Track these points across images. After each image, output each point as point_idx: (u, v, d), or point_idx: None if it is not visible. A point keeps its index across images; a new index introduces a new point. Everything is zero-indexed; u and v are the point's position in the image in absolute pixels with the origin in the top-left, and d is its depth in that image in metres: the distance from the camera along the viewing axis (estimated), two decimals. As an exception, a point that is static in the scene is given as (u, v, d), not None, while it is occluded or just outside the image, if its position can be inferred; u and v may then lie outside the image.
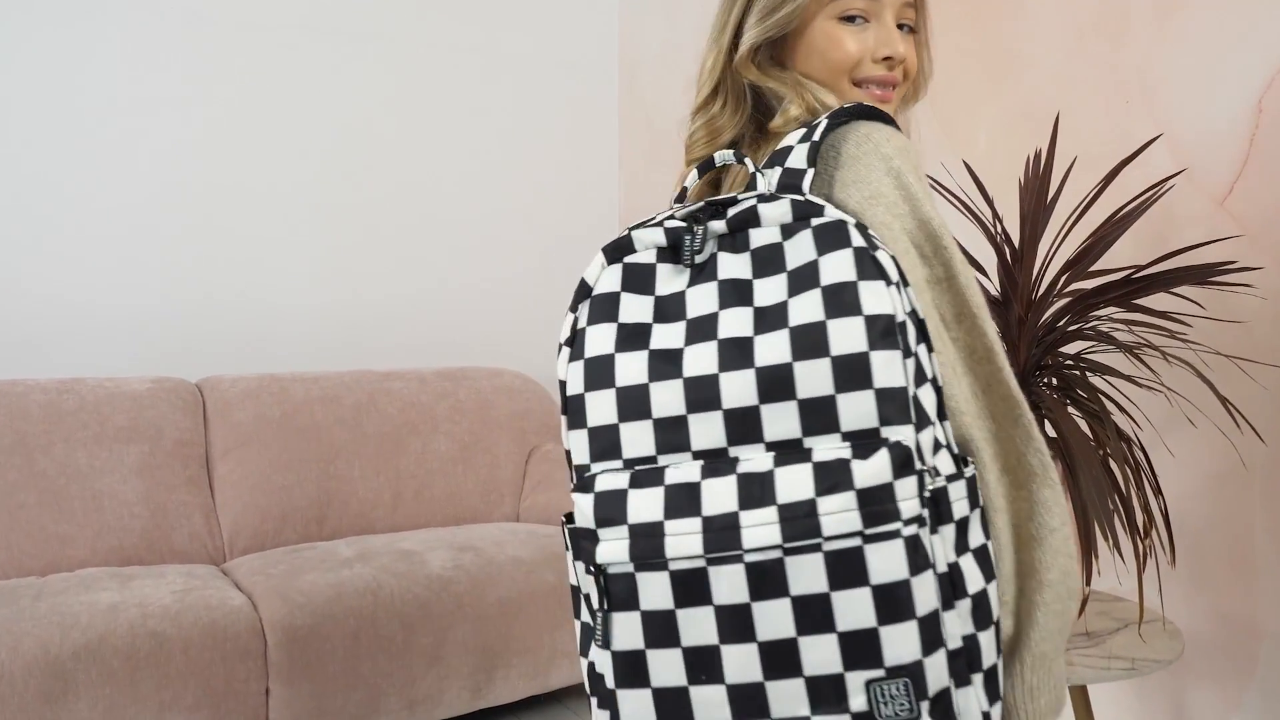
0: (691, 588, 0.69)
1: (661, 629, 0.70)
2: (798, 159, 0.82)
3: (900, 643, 0.68)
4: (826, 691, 0.68)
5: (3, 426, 2.40)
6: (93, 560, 2.37)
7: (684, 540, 0.69)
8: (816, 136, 0.84)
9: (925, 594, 0.69)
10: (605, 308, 0.75)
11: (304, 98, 3.10)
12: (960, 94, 2.51)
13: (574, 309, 0.77)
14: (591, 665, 0.76)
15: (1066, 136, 2.18)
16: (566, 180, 3.58)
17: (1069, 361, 1.69)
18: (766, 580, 0.68)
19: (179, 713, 1.94)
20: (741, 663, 0.69)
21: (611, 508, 0.71)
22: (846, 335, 0.70)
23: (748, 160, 0.83)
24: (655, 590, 0.70)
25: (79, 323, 2.79)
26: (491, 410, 3.03)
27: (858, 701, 0.68)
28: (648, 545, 0.69)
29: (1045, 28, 2.32)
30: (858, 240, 0.73)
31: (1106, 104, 2.20)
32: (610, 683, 0.71)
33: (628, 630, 0.70)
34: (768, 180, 0.81)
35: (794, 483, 0.68)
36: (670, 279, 0.76)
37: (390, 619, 2.18)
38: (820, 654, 0.68)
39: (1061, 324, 1.66)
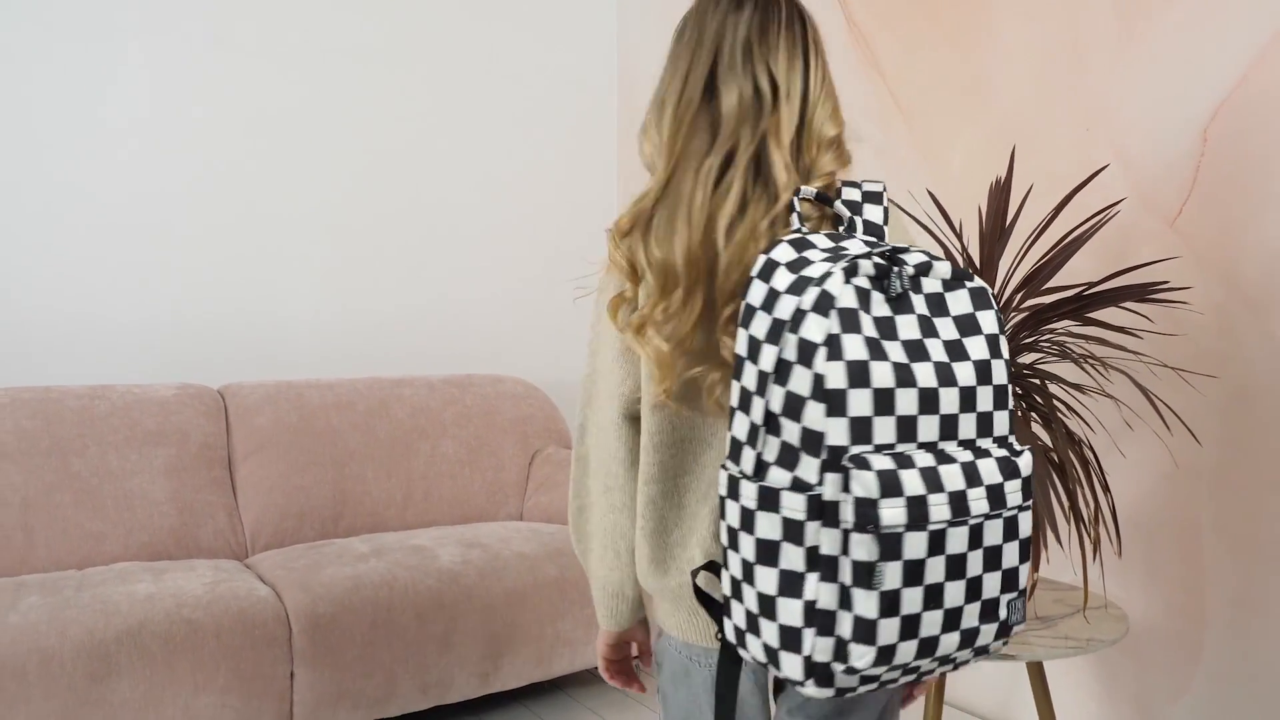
0: (938, 542, 0.94)
1: (913, 573, 0.94)
2: (875, 214, 1.11)
3: (1023, 575, 1.01)
4: (990, 609, 1.00)
5: (40, 430, 2.56)
6: (125, 555, 2.53)
7: (939, 509, 0.94)
8: (886, 203, 1.12)
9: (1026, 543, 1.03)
10: (851, 320, 0.95)
11: (315, 121, 3.26)
12: (936, 119, 2.68)
13: (824, 314, 0.94)
14: (810, 604, 0.97)
15: (1032, 159, 2.36)
16: (566, 197, 3.75)
17: (1026, 371, 1.86)
18: (976, 536, 0.97)
19: (212, 693, 2.11)
20: (955, 593, 0.97)
21: (890, 484, 0.92)
22: (999, 371, 1.01)
23: (840, 206, 1.10)
24: (915, 545, 0.93)
25: (108, 334, 2.95)
26: (496, 415, 3.20)
27: (1002, 613, 1.01)
28: (918, 512, 0.93)
29: (1014, 57, 2.49)
30: (994, 305, 1.03)
31: (1069, 130, 2.37)
32: (874, 615, 0.95)
33: (892, 575, 0.93)
34: (858, 225, 1.10)
35: (989, 471, 0.98)
36: (879, 305, 0.98)
37: (405, 609, 2.34)
38: (992, 584, 0.99)
39: (1018, 336, 1.83)
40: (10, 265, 2.81)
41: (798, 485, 0.95)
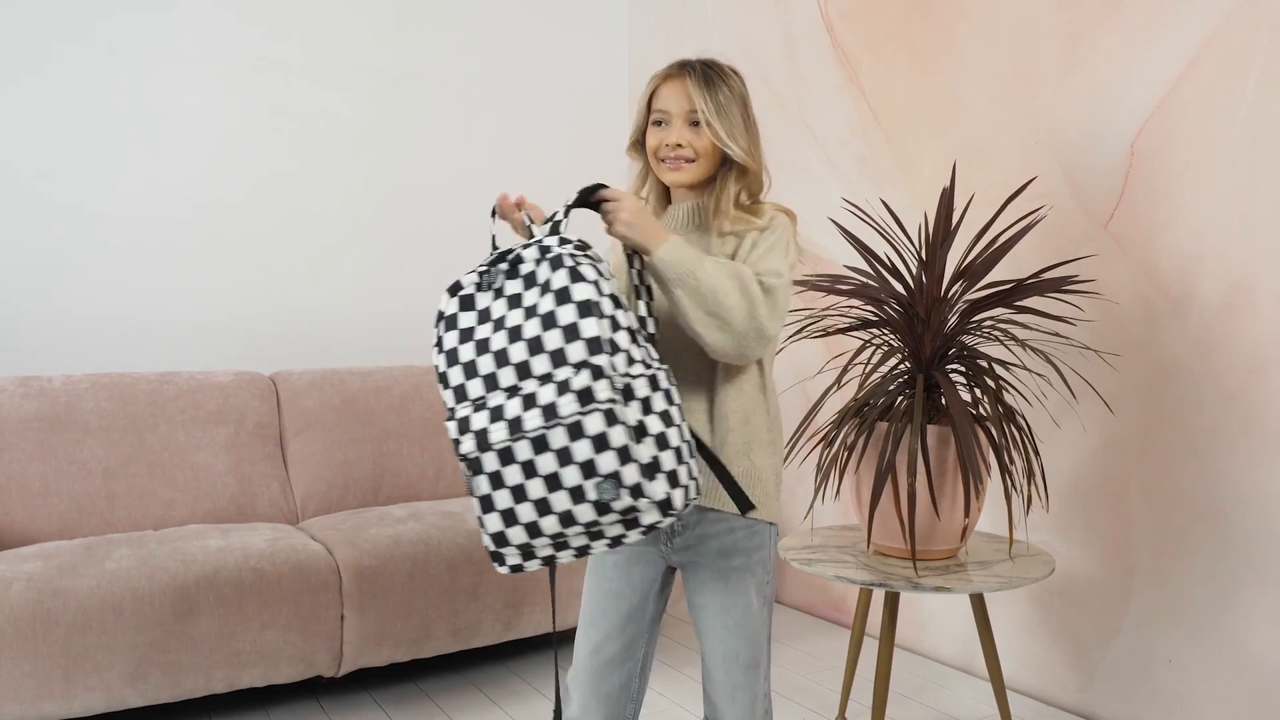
0: (507, 456, 1.24)
1: (495, 480, 1.25)
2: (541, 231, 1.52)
3: (602, 463, 1.24)
4: (578, 494, 1.25)
5: (117, 410, 2.92)
6: (193, 519, 2.89)
7: (498, 433, 1.27)
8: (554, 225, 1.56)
9: None
10: (451, 321, 1.39)
11: (354, 139, 3.62)
12: (909, 132, 3.01)
13: (436, 325, 1.38)
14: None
15: (989, 167, 2.68)
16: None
17: (965, 352, 2.18)
18: (540, 445, 1.25)
19: (276, 631, 2.46)
20: (537, 488, 1.24)
21: (463, 424, 1.28)
22: (588, 326, 1.28)
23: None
24: (490, 462, 1.24)
25: (175, 327, 3.32)
26: (517, 400, 3.53)
27: (591, 495, 1.24)
28: (483, 439, 1.27)
29: (975, 80, 2.81)
30: (587, 278, 1.29)
31: (1020, 144, 2.69)
32: (479, 512, 1.30)
33: (481, 484, 1.26)
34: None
35: (546, 394, 1.22)
36: (482, 299, 1.38)
37: (438, 563, 2.68)
38: (570, 475, 1.24)
39: (956, 322, 2.15)
40: (88, 268, 3.19)
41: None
